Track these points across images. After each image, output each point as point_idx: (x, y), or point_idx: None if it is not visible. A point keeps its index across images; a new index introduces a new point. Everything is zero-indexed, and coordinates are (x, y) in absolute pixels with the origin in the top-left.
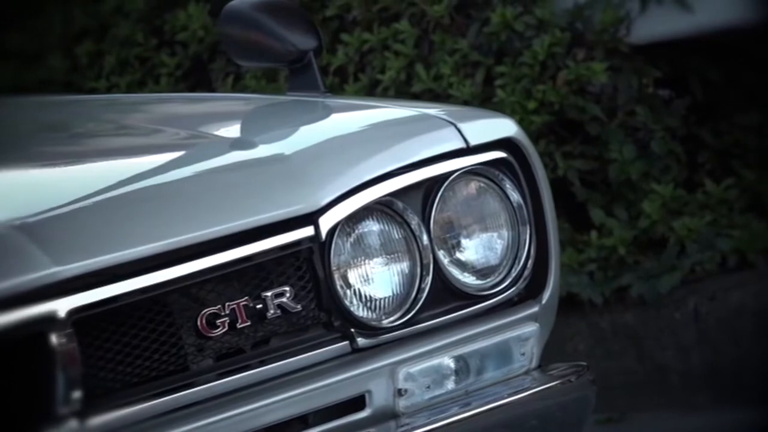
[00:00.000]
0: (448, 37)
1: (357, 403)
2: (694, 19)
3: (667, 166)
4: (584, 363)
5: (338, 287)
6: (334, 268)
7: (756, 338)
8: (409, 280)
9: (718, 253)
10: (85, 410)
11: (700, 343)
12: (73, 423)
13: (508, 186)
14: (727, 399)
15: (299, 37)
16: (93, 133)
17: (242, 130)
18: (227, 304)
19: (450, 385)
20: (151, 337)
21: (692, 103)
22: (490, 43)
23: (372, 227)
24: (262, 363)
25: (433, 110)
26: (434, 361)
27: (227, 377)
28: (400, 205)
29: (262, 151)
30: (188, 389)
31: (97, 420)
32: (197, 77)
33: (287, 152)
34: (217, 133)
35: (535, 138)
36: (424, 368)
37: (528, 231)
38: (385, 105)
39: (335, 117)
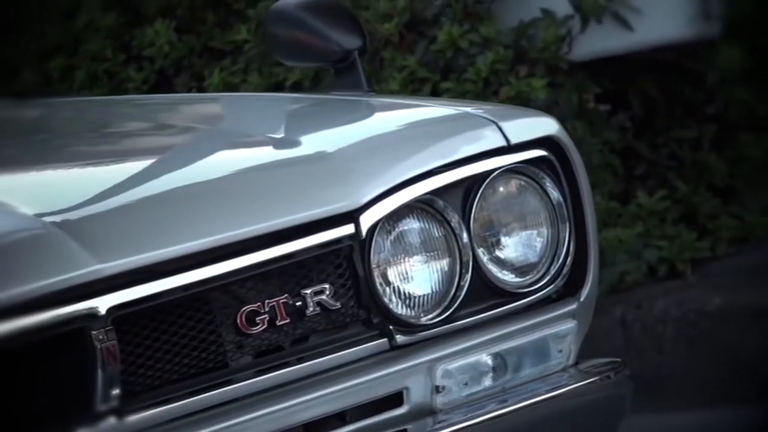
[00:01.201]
0: (397, 54)
1: (395, 399)
2: (634, 36)
3: (604, 178)
4: (620, 359)
5: (378, 285)
6: (373, 265)
7: (676, 345)
8: (448, 278)
9: (645, 263)
10: (123, 407)
11: (627, 350)
12: (111, 420)
13: (548, 184)
14: (653, 405)
15: (344, 36)
16: (134, 132)
17: (285, 128)
18: (267, 301)
19: (487, 382)
20: (190, 335)
21: (631, 117)
22: (437, 60)
23: (412, 225)
24: (301, 360)
25: (475, 109)
26: (472, 358)
27: (266, 374)
28: (440, 203)
29: (305, 149)
30: (227, 386)
31: (135, 417)
32: (163, 91)
33: (329, 151)
34: (260, 131)
35: None
36: (462, 365)
37: (567, 229)
38: (428, 104)
39: (378, 116)
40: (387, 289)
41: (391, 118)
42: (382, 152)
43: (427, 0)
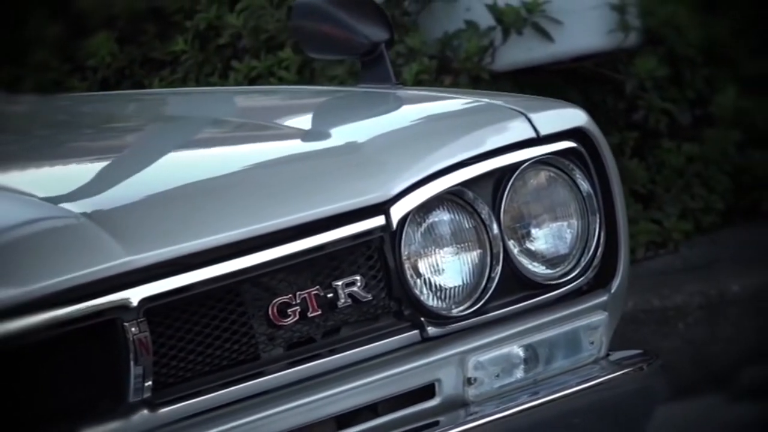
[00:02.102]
0: (327, 63)
1: (426, 392)
2: (555, 47)
3: None
4: (652, 351)
5: (408, 276)
6: (404, 257)
7: None
8: (479, 270)
9: None
10: (155, 399)
11: None
12: (143, 411)
13: (578, 175)
14: None
15: (371, 29)
16: (164, 124)
17: (315, 120)
18: (298, 293)
19: (519, 374)
20: (222, 326)
21: None
22: None
23: (442, 217)
24: (333, 352)
25: (504, 100)
26: (504, 350)
27: (297, 366)
28: (470, 194)
29: (335, 141)
30: (258, 378)
31: (167, 409)
32: None
33: (359, 142)
34: (289, 123)
35: None
36: (493, 357)
37: (597, 220)
38: (457, 96)
39: (407, 108)
40: (418, 280)
41: (420, 110)
42: (413, 144)
43: None
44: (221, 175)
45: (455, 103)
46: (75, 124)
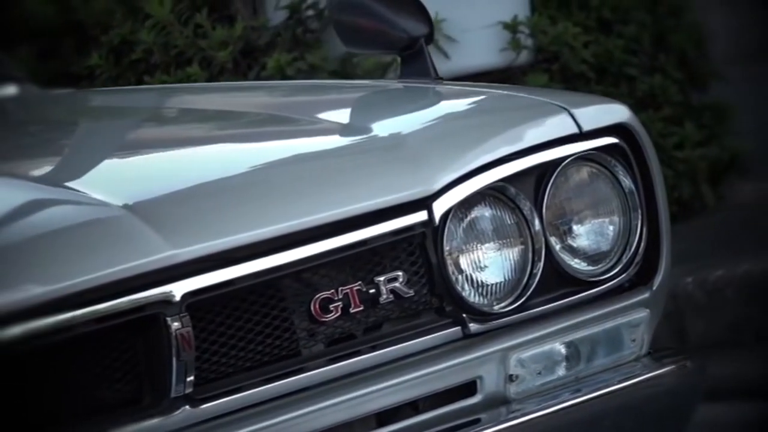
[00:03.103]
0: (232, 78)
1: (468, 388)
2: (452, 63)
3: None
4: (693, 348)
5: (450, 272)
6: (446, 253)
7: None
8: (520, 266)
9: None
10: (196, 395)
11: None
12: (185, 407)
13: (620, 172)
14: None
15: (411, 23)
16: (207, 118)
17: (356, 115)
18: (340, 288)
19: (561, 371)
20: (264, 322)
21: None
22: None
23: (484, 212)
24: (374, 348)
25: (546, 96)
26: (545, 347)
27: (338, 363)
28: (512, 190)
29: (376, 136)
30: (299, 375)
31: (209, 405)
32: None
33: (401, 137)
34: (330, 118)
35: None
36: (535, 354)
37: (639, 217)
38: (499, 91)
39: (449, 103)
40: (459, 277)
41: (462, 105)
42: (455, 139)
43: (261, 29)
44: (263, 169)
45: (497, 98)
46: (115, 118)
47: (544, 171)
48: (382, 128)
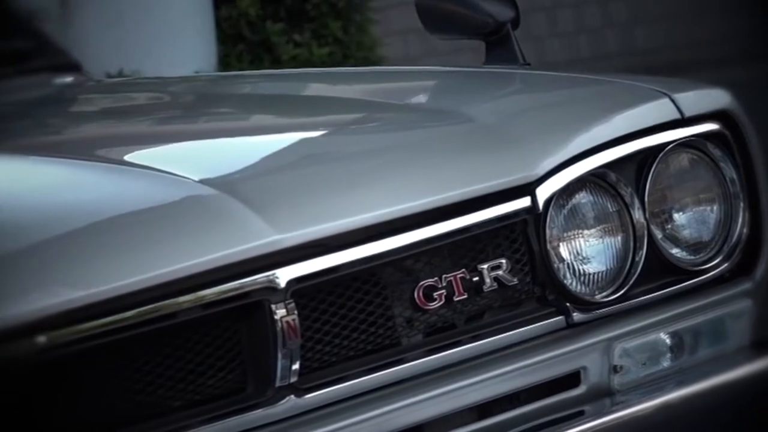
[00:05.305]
0: None
1: (571, 379)
2: None
3: None
4: None
5: (553, 260)
6: (549, 240)
7: None
8: (622, 254)
9: None
10: (301, 384)
11: None
12: (290, 397)
13: (721, 159)
14: None
15: (496, 7)
16: (304, 104)
17: (451, 100)
18: (444, 276)
19: (665, 362)
20: (367, 310)
21: None
22: None
23: (586, 199)
24: (475, 338)
25: (646, 81)
26: (650, 337)
27: (439, 353)
28: (613, 177)
29: (475, 121)
30: (400, 365)
31: (313, 395)
32: None
33: (501, 122)
34: (427, 103)
35: None
36: (640, 344)
37: (741, 205)
38: (593, 77)
39: (543, 88)
40: (561, 265)
41: (559, 91)
42: (557, 124)
43: None
44: (364, 155)
45: (595, 84)
46: (214, 104)
47: (644, 158)
48: (482, 114)
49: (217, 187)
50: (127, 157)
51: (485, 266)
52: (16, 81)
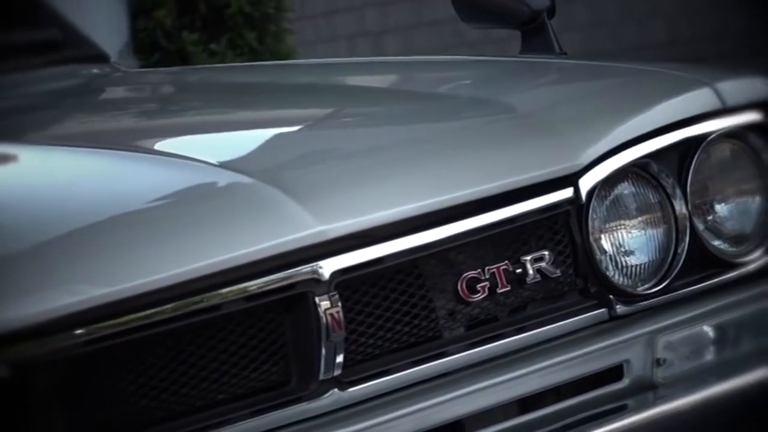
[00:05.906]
0: None
1: (613, 373)
2: None
3: None
4: None
5: (595, 252)
6: (591, 231)
7: None
8: (664, 246)
9: None
10: (345, 377)
11: None
12: (334, 390)
13: (763, 150)
14: None
15: None
16: (345, 94)
17: (490, 90)
18: (487, 268)
19: (708, 355)
20: (410, 302)
21: None
22: None
23: (628, 190)
24: (518, 331)
25: (687, 71)
26: (694, 330)
27: (481, 346)
28: (655, 167)
29: (517, 110)
30: (442, 358)
31: (357, 388)
32: None
33: (543, 113)
34: (467, 93)
35: None
36: (683, 337)
37: None
38: (632, 66)
39: (583, 78)
40: (603, 257)
41: (598, 80)
42: (599, 114)
43: None
44: (405, 145)
45: (635, 73)
46: (245, 94)
47: (686, 148)
48: (523, 103)
49: (260, 177)
50: (162, 147)
51: (528, 258)
52: (46, 71)
